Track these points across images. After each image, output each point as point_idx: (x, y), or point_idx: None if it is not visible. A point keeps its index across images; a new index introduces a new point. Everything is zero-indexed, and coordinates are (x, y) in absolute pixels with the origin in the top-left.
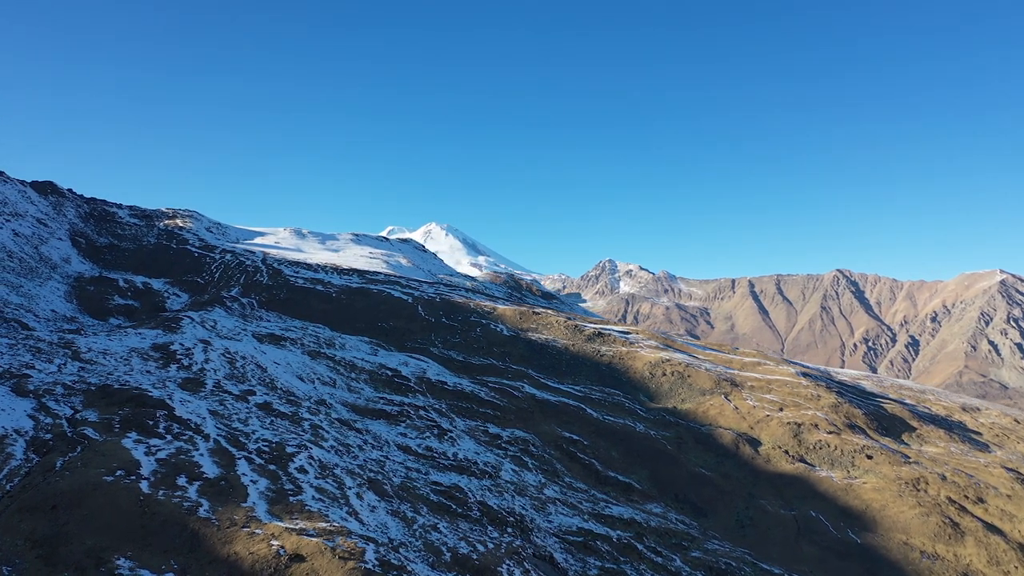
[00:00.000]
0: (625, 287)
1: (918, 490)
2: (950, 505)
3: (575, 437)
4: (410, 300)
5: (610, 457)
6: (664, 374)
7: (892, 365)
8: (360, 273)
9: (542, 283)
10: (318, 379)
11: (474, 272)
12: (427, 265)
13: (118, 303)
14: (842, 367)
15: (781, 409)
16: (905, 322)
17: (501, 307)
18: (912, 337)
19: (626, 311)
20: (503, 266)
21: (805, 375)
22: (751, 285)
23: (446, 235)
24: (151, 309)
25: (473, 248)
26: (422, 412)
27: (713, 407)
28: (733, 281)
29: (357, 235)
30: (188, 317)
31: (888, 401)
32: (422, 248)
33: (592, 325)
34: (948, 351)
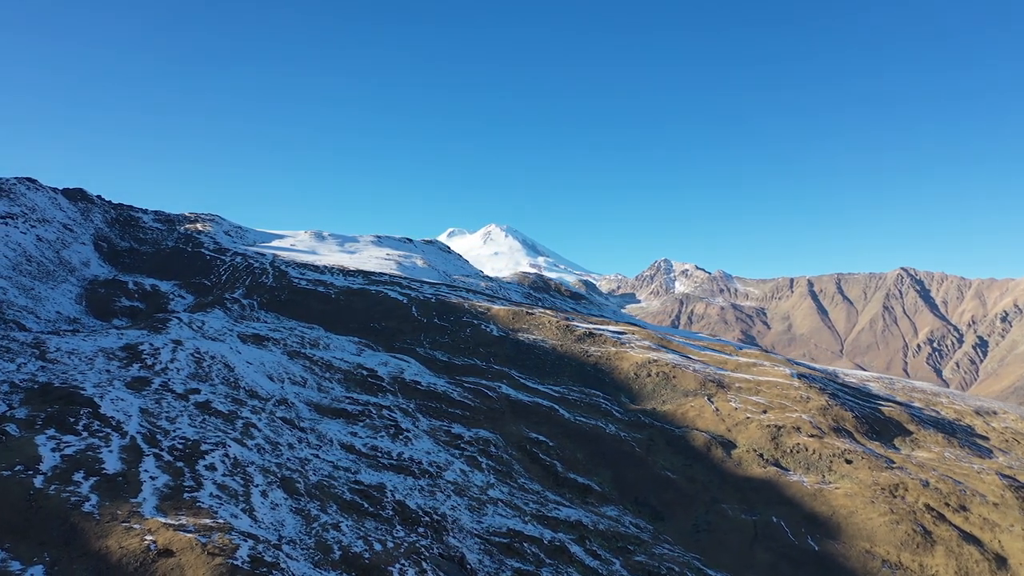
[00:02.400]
0: (680, 287)
1: (894, 496)
2: (926, 513)
3: (541, 438)
4: (405, 301)
5: (574, 459)
6: (649, 375)
7: (958, 367)
8: (365, 274)
9: (598, 283)
10: (289, 378)
11: (531, 272)
12: (445, 266)
13: (124, 305)
14: (904, 369)
15: (765, 411)
16: (973, 322)
17: (496, 307)
18: (980, 338)
19: (680, 311)
20: (562, 266)
21: (801, 376)
22: (810, 284)
23: (505, 236)
24: (155, 311)
25: (532, 249)
26: (385, 412)
27: (693, 409)
28: (791, 280)
29: (379, 237)
30: (177, 318)
31: (889, 404)
32: (447, 249)
33: (585, 325)
34: (1019, 352)
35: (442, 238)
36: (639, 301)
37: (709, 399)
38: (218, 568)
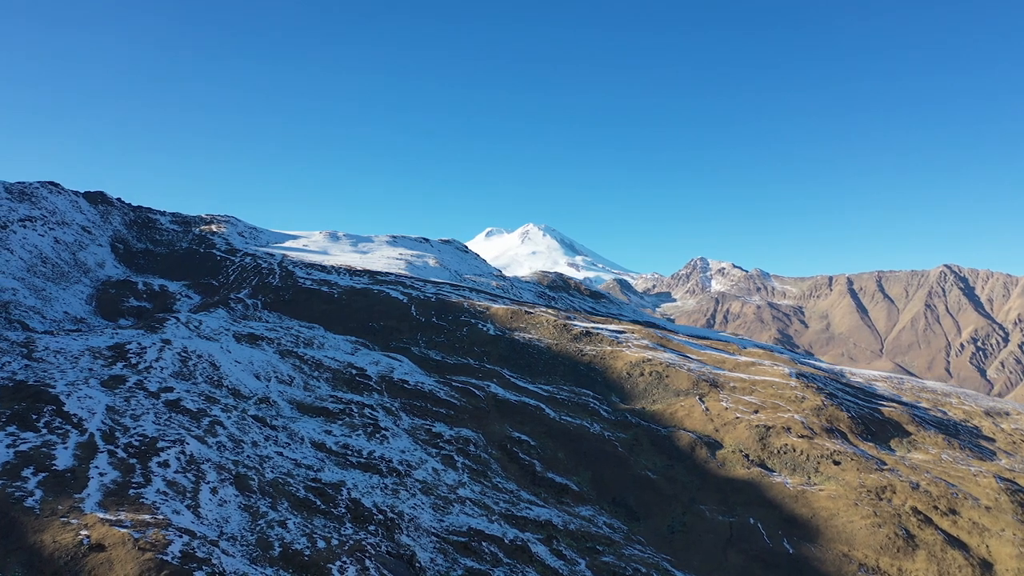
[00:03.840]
0: (716, 285)
1: (880, 499)
2: (912, 516)
3: (523, 437)
4: (405, 300)
5: (555, 458)
6: (642, 374)
7: (1003, 367)
8: (371, 274)
9: (634, 283)
10: (276, 377)
11: (551, 271)
12: (458, 266)
13: (132, 305)
14: (947, 369)
15: (756, 411)
16: (1019, 320)
17: (495, 307)
18: None
19: (715, 310)
20: (600, 265)
21: (799, 376)
22: (849, 282)
23: (543, 235)
24: (162, 311)
25: (570, 248)
26: (367, 410)
27: (682, 408)
28: (830, 278)
29: (394, 237)
30: (175, 318)
31: (892, 404)
32: (464, 249)
33: (583, 324)
34: None
35: (479, 238)
36: (674, 300)
37: (700, 399)
38: (146, 563)
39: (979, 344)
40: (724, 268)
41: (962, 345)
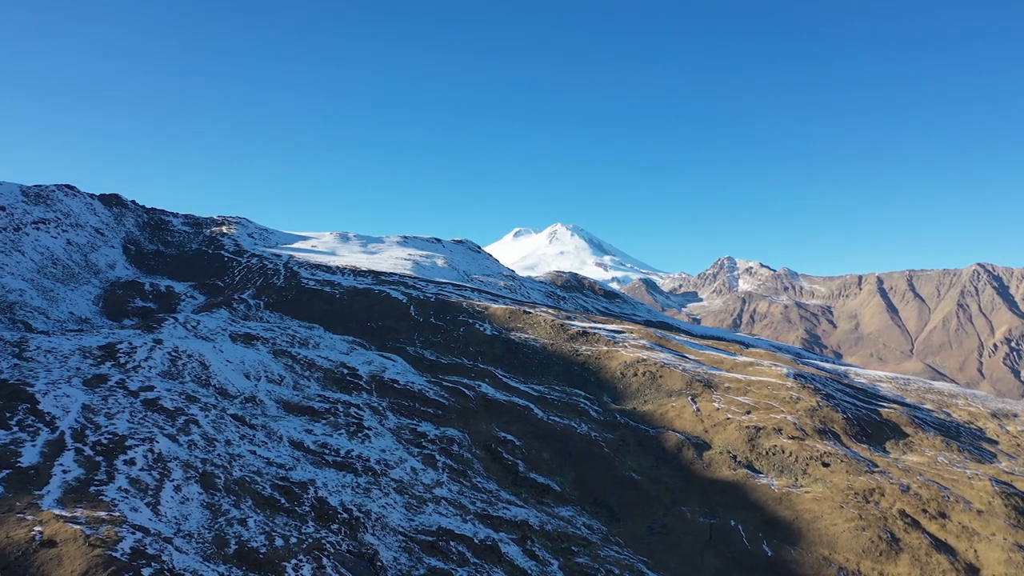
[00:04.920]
0: (744, 285)
1: (867, 501)
2: (899, 519)
3: (508, 437)
4: (405, 300)
5: (539, 458)
6: (636, 374)
7: None
8: (376, 275)
9: (661, 282)
10: (266, 376)
11: (599, 271)
12: (468, 266)
13: (137, 305)
14: (979, 370)
15: (749, 412)
16: None
17: (494, 307)
18: None
19: (742, 310)
20: (629, 265)
21: (797, 376)
22: (879, 282)
23: (571, 235)
24: (167, 311)
25: (599, 248)
26: (353, 410)
27: (673, 409)
28: (860, 278)
29: (405, 237)
30: (173, 318)
31: (892, 405)
32: (476, 249)
33: (580, 324)
34: None
35: (507, 238)
36: (701, 300)
37: (693, 399)
38: (95, 559)
39: (1013, 344)
40: (751, 267)
41: (995, 345)
